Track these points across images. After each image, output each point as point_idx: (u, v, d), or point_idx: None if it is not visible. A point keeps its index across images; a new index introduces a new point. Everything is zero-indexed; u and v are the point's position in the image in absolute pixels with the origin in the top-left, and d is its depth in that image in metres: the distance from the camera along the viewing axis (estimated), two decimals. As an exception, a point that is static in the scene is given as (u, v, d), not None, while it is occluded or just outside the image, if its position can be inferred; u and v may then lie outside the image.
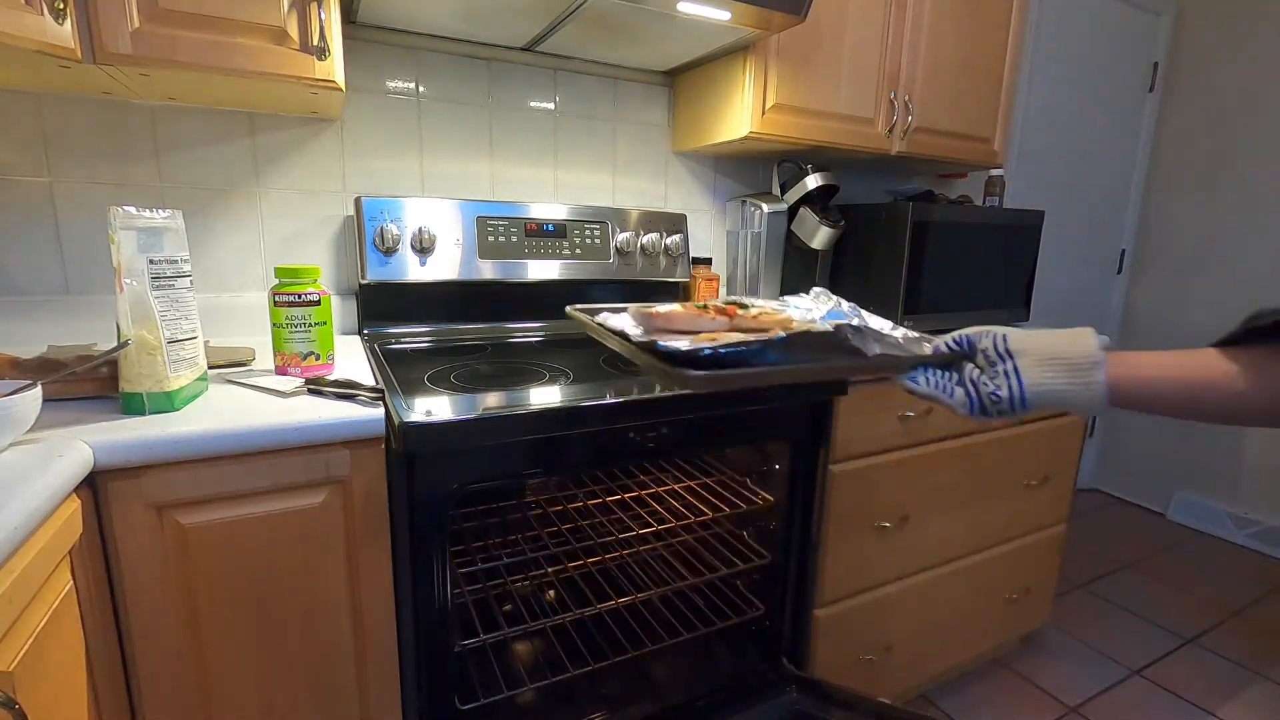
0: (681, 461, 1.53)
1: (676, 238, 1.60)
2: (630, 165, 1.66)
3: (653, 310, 0.72)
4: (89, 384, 0.83)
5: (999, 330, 0.68)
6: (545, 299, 1.50)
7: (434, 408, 0.87)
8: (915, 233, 1.52)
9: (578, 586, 1.26)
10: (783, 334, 0.67)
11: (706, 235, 1.80)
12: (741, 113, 1.41)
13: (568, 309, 0.87)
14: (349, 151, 1.36)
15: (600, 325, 0.77)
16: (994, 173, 1.90)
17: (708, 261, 1.73)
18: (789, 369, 0.67)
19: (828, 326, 0.73)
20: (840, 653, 1.39)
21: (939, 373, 0.69)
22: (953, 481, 1.46)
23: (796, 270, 1.66)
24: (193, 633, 0.80)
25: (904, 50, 1.56)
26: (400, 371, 1.06)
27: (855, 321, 0.80)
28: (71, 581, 0.67)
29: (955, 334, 0.70)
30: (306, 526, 0.84)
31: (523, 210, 1.44)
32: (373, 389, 0.89)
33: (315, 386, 0.91)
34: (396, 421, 0.82)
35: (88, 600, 0.71)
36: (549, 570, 1.24)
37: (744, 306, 0.79)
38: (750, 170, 1.83)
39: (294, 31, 0.98)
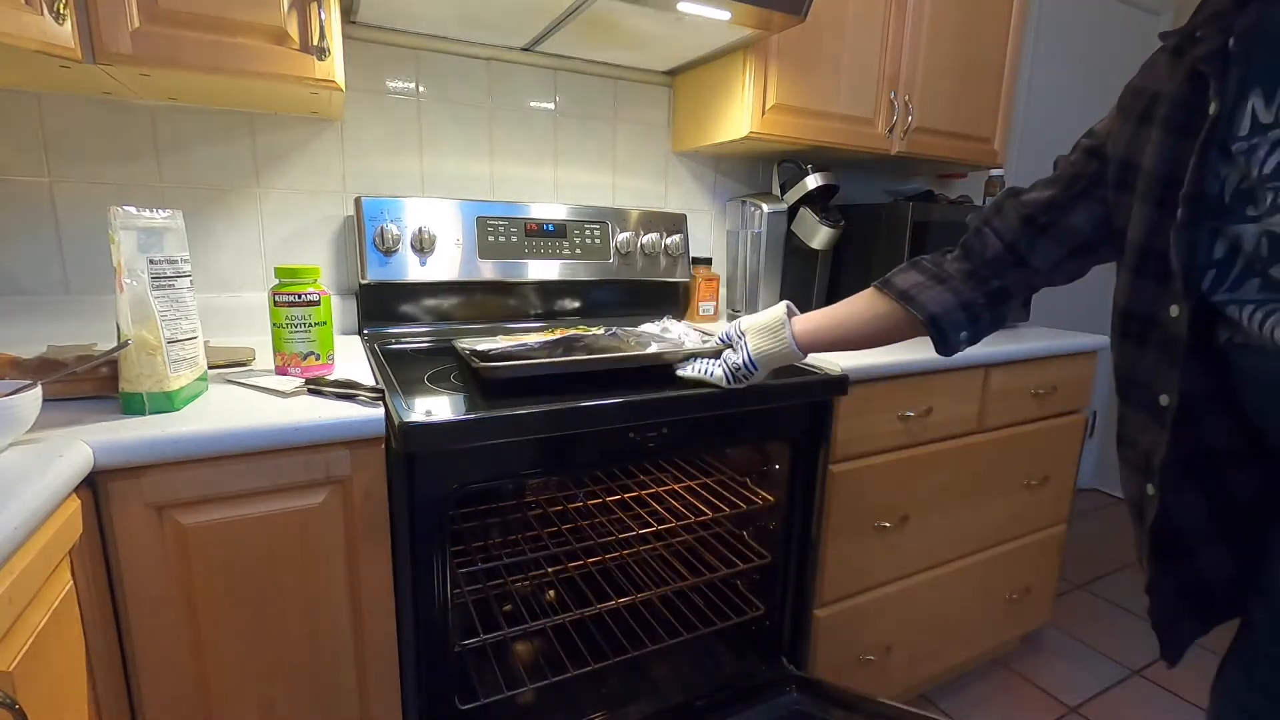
0: (682, 462, 1.53)
1: (676, 238, 1.60)
2: (630, 165, 1.66)
3: (520, 339, 1.06)
4: (89, 384, 0.83)
5: (740, 320, 0.94)
6: (545, 299, 1.50)
7: (434, 408, 0.87)
8: (915, 233, 1.52)
9: (578, 587, 1.26)
10: (554, 337, 1.01)
11: (706, 235, 1.80)
12: (741, 113, 1.41)
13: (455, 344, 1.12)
14: (349, 151, 1.36)
15: (464, 349, 1.04)
16: (994, 173, 1.90)
17: (708, 261, 1.73)
18: (561, 360, 0.97)
19: (599, 331, 1.05)
20: (840, 653, 1.39)
21: (705, 361, 0.95)
22: (953, 481, 1.46)
23: (796, 270, 1.66)
24: (193, 633, 0.80)
25: (904, 50, 1.56)
26: (400, 371, 1.06)
27: (657, 331, 1.14)
28: (71, 581, 0.67)
29: (728, 327, 0.95)
30: (306, 526, 0.84)
31: (523, 210, 1.44)
32: (373, 389, 0.89)
33: (315, 386, 0.91)
34: (396, 421, 0.82)
35: (88, 600, 0.71)
36: (549, 570, 1.24)
37: (585, 329, 1.14)
38: (750, 170, 1.83)
39: (294, 31, 0.98)
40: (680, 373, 0.96)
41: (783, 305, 0.90)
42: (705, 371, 0.93)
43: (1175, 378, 0.54)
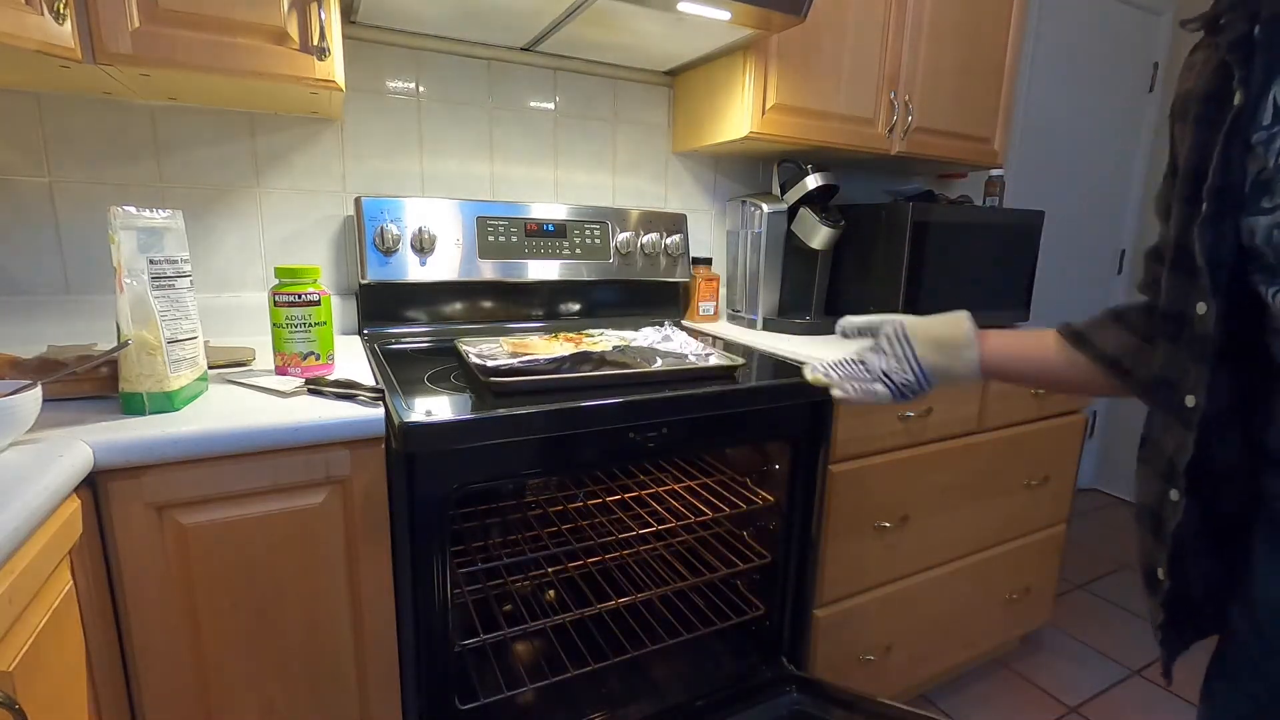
0: (682, 462, 1.53)
1: (676, 238, 1.60)
2: (630, 165, 1.66)
3: (522, 341, 1.13)
4: (89, 384, 0.83)
5: (897, 318, 0.82)
6: (545, 299, 1.50)
7: (434, 408, 0.87)
8: (915, 233, 1.52)
9: (578, 586, 1.26)
10: (565, 352, 1.02)
11: (706, 235, 1.80)
12: (741, 113, 1.41)
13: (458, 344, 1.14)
14: (349, 151, 1.36)
15: (468, 353, 1.06)
16: (994, 173, 1.89)
17: (708, 261, 1.73)
18: (568, 376, 0.99)
19: (606, 347, 1.08)
20: (840, 653, 1.39)
21: (858, 382, 0.81)
22: (953, 481, 1.46)
23: (796, 270, 1.65)
24: (193, 633, 0.80)
25: (904, 50, 1.56)
26: (400, 371, 1.07)
27: (658, 345, 1.17)
28: (71, 581, 0.67)
29: (859, 320, 0.85)
30: (306, 526, 0.84)
31: (523, 210, 1.44)
32: (373, 389, 0.89)
33: (315, 386, 0.91)
34: (396, 421, 0.82)
35: (88, 600, 0.71)
36: (549, 570, 1.24)
37: (589, 335, 1.22)
38: (750, 170, 1.83)
39: (294, 31, 0.98)
40: (836, 394, 0.83)
41: (965, 318, 0.79)
42: (867, 393, 0.81)
43: (1204, 377, 0.53)
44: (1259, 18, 0.47)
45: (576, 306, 1.54)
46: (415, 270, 1.32)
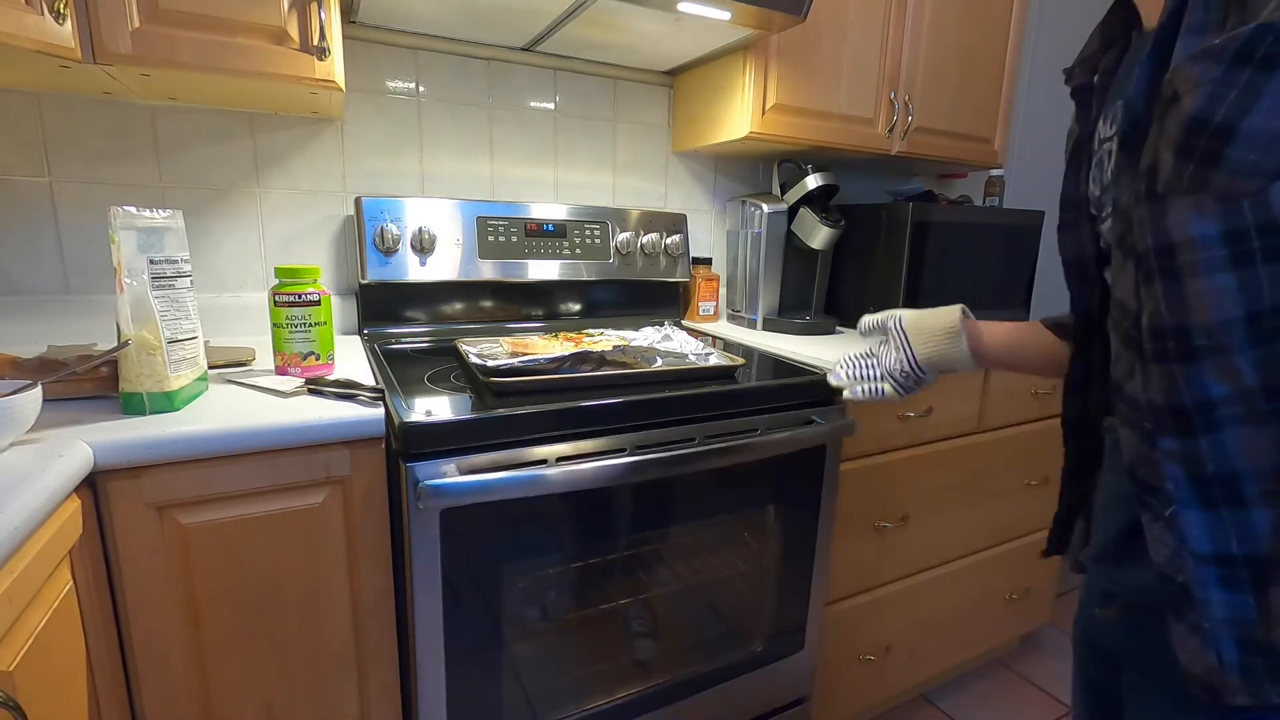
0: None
1: (676, 238, 1.60)
2: (630, 165, 1.66)
3: (522, 341, 1.14)
4: (89, 384, 0.83)
5: (899, 312, 0.90)
6: (545, 299, 1.50)
7: (434, 408, 0.87)
8: (915, 233, 1.52)
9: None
10: (565, 352, 1.02)
11: (706, 235, 1.80)
12: (741, 113, 1.41)
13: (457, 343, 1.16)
14: (349, 151, 1.36)
15: (468, 353, 1.05)
16: (994, 173, 1.90)
17: (708, 261, 1.73)
18: (567, 376, 0.99)
19: (607, 346, 1.07)
20: (840, 653, 1.39)
21: (866, 383, 0.91)
22: (953, 481, 1.46)
23: (796, 270, 1.66)
24: (193, 633, 0.80)
25: (904, 50, 1.56)
26: (400, 371, 1.07)
27: (658, 344, 1.17)
28: (71, 581, 0.67)
29: (871, 319, 0.93)
30: (306, 526, 0.84)
31: (523, 210, 1.44)
32: (373, 389, 0.89)
33: (315, 386, 0.91)
34: (396, 421, 0.82)
35: (88, 600, 0.71)
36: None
37: (589, 335, 1.23)
38: (750, 170, 1.83)
39: (294, 31, 0.98)
40: (849, 395, 0.93)
41: (957, 310, 0.87)
42: (874, 391, 0.90)
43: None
44: (1098, 69, 0.62)
45: (576, 306, 1.54)
46: (415, 270, 1.32)
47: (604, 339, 1.20)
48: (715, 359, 1.13)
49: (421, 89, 1.40)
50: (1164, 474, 0.49)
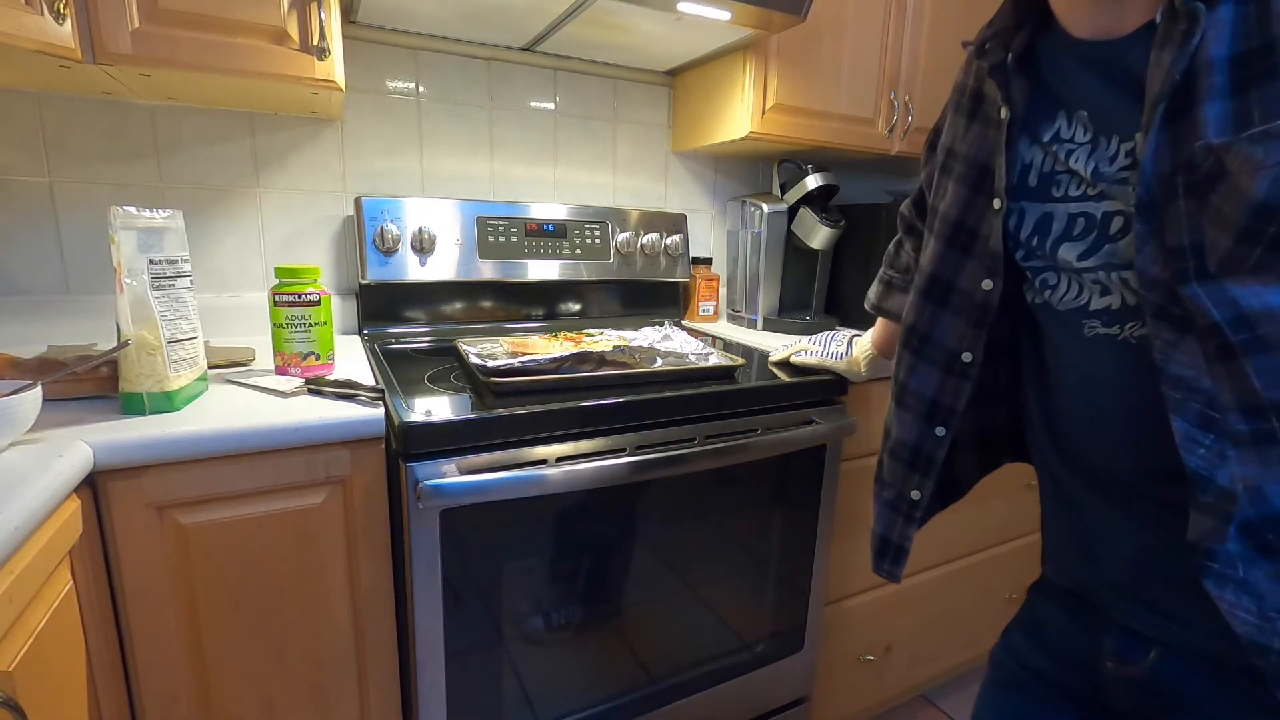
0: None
1: (676, 238, 1.60)
2: (630, 165, 1.66)
3: (522, 341, 1.15)
4: (89, 384, 0.83)
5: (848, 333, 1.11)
6: (545, 299, 1.50)
7: (434, 407, 0.87)
8: (915, 233, 1.51)
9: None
10: (566, 352, 1.02)
11: (706, 235, 1.80)
12: (741, 113, 1.41)
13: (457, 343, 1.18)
14: (349, 151, 1.36)
15: (468, 353, 1.07)
16: (994, 173, 1.89)
17: (708, 261, 1.73)
18: (568, 376, 0.99)
19: (607, 346, 1.07)
20: (840, 653, 1.39)
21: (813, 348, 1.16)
22: (953, 481, 1.46)
23: (796, 270, 1.66)
24: (193, 633, 0.80)
25: (904, 50, 1.56)
26: (400, 371, 1.07)
27: (658, 344, 1.18)
28: (71, 581, 0.67)
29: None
30: (306, 526, 0.84)
31: (523, 210, 1.44)
32: (373, 389, 0.89)
33: (315, 386, 0.91)
34: (396, 421, 0.82)
35: (88, 600, 0.71)
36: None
37: (589, 335, 1.24)
38: (750, 170, 1.83)
39: (294, 31, 0.98)
40: (797, 360, 1.18)
41: (860, 344, 1.09)
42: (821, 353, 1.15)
43: (981, 339, 0.64)
44: (1010, 47, 0.60)
45: (576, 306, 1.54)
46: (415, 270, 1.32)
47: (604, 339, 1.20)
48: (715, 359, 1.13)
49: (421, 89, 1.40)
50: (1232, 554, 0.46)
